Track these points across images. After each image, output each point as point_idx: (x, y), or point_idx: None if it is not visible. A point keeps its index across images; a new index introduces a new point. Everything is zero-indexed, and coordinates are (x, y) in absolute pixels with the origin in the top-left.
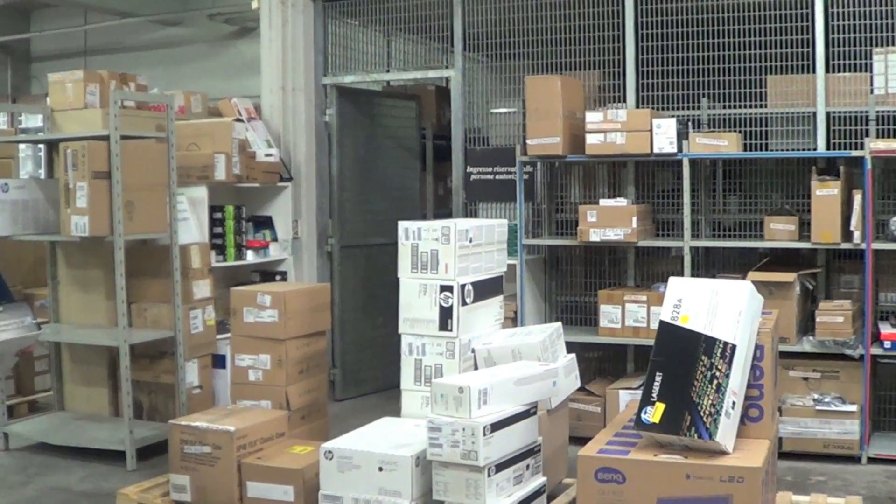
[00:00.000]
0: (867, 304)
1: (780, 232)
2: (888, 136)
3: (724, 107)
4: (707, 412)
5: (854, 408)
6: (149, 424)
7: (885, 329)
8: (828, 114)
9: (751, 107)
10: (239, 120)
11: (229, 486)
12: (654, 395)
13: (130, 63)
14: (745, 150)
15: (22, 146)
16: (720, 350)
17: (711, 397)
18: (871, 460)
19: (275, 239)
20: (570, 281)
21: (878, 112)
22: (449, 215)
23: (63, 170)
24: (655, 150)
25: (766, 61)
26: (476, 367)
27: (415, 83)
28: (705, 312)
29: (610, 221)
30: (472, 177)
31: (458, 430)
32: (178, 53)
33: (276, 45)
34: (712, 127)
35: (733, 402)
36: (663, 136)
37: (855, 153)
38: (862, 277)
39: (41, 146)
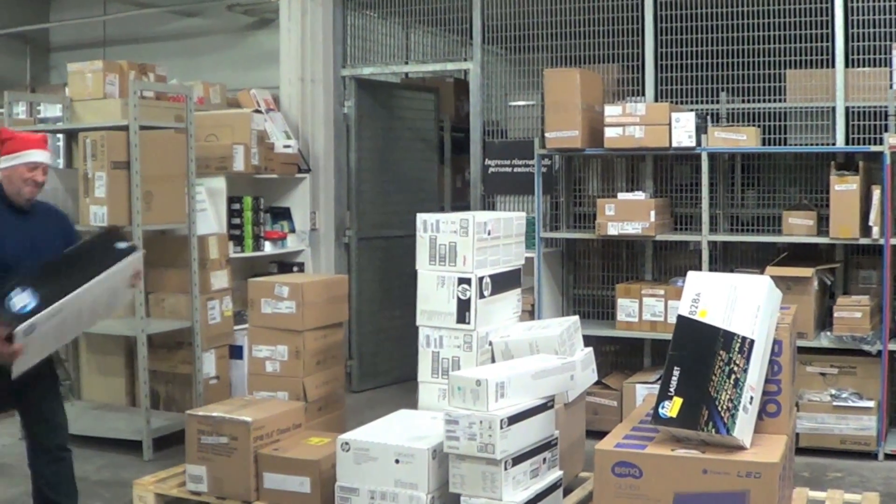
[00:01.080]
0: (885, 300)
1: (798, 227)
2: None
3: (743, 101)
4: (725, 407)
5: (871, 404)
6: (165, 414)
7: None
8: (847, 108)
9: (770, 101)
10: (258, 111)
11: (246, 476)
12: (672, 389)
13: (149, 53)
14: (763, 144)
15: None
16: (738, 345)
17: (729, 392)
18: (889, 456)
19: (292, 230)
20: (587, 274)
21: None
22: (467, 208)
23: (82, 160)
24: (674, 144)
25: (785, 55)
26: (493, 360)
27: (433, 75)
28: (724, 307)
29: (628, 215)
30: (491, 169)
31: (476, 423)
32: (197, 44)
33: (296, 37)
34: (731, 121)
35: (751, 398)
36: (682, 129)
37: (874, 148)
38: (880, 273)
39: (60, 136)
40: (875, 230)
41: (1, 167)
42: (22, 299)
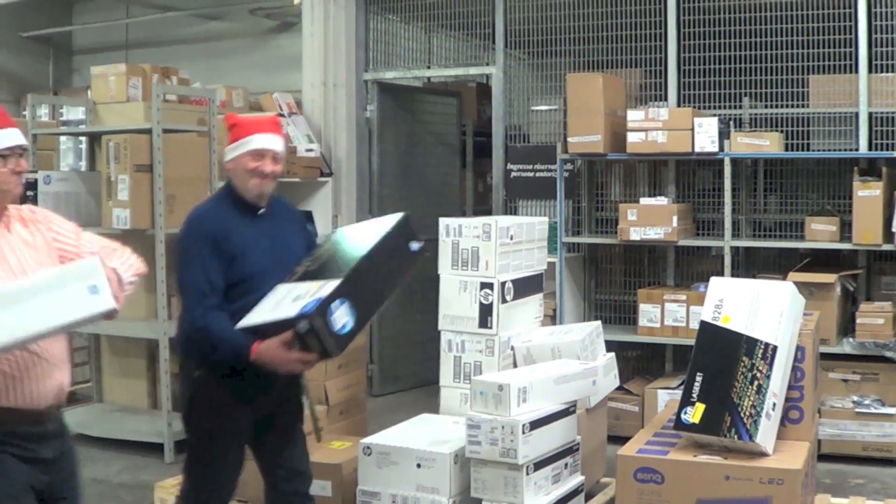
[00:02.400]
0: None
1: (820, 232)
2: None
3: (766, 106)
4: (747, 413)
5: (893, 410)
6: None
7: None
8: (870, 114)
9: (793, 106)
10: (280, 115)
11: None
12: (695, 395)
13: (171, 57)
14: (786, 149)
15: (63, 138)
16: (761, 351)
17: (752, 398)
18: None
19: (314, 234)
20: (609, 279)
21: None
22: (488, 212)
23: (105, 163)
24: (697, 150)
25: (808, 61)
26: (515, 365)
27: (456, 80)
28: (747, 313)
29: (650, 220)
30: (513, 174)
31: (497, 428)
32: (220, 48)
33: (318, 41)
34: (754, 126)
35: (774, 404)
36: (705, 135)
37: None
38: None
39: (82, 139)
40: None
41: (227, 160)
42: (342, 316)
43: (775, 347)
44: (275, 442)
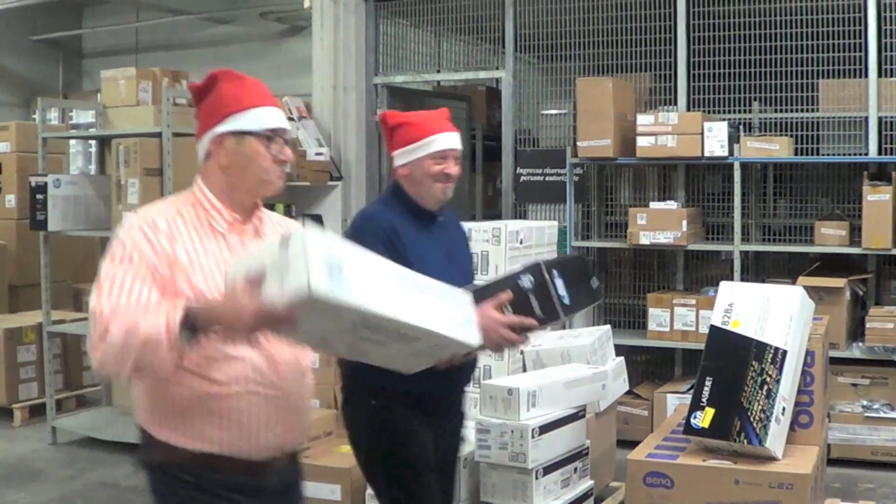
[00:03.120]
0: None
1: (830, 237)
2: None
3: (776, 110)
4: (757, 418)
5: None
6: None
7: None
8: (880, 118)
9: (802, 111)
10: (290, 118)
11: None
12: (704, 399)
13: (181, 60)
14: (796, 154)
15: (73, 142)
16: (771, 355)
17: (762, 403)
18: None
19: None
20: (618, 283)
21: None
22: (498, 216)
23: (115, 166)
24: (706, 154)
25: (818, 65)
26: (525, 369)
27: (465, 83)
28: (756, 318)
29: (660, 224)
30: (522, 178)
31: (507, 432)
32: (229, 51)
33: (328, 45)
34: (763, 130)
35: (783, 408)
36: (714, 139)
37: None
38: None
39: (92, 142)
40: None
41: (399, 164)
42: (561, 286)
43: (785, 352)
44: (443, 461)
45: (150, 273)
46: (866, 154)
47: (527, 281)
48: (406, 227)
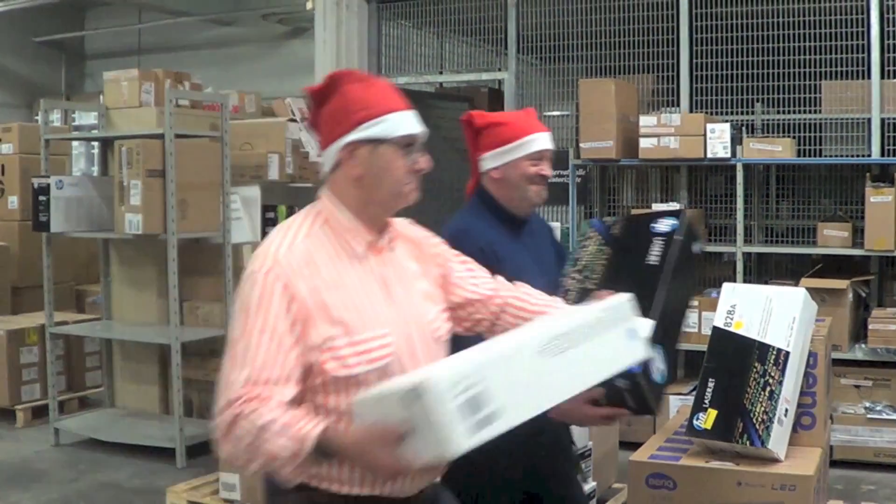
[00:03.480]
0: None
1: (833, 238)
2: None
3: (779, 112)
4: (759, 419)
5: None
6: (199, 422)
7: None
8: (883, 120)
9: (805, 112)
10: (292, 120)
11: None
12: (707, 401)
13: (184, 62)
14: (798, 155)
15: (75, 143)
16: (773, 357)
17: (764, 404)
18: None
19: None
20: None
21: None
22: None
23: (118, 168)
24: (709, 155)
25: (820, 66)
26: None
27: (468, 85)
28: (759, 319)
29: None
30: None
31: None
32: (232, 53)
33: (331, 46)
34: (766, 132)
35: (786, 410)
36: (717, 140)
37: None
38: None
39: (95, 144)
40: None
41: (490, 167)
42: (658, 364)
43: (787, 353)
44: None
45: (290, 327)
46: (869, 155)
47: (624, 385)
48: (500, 238)
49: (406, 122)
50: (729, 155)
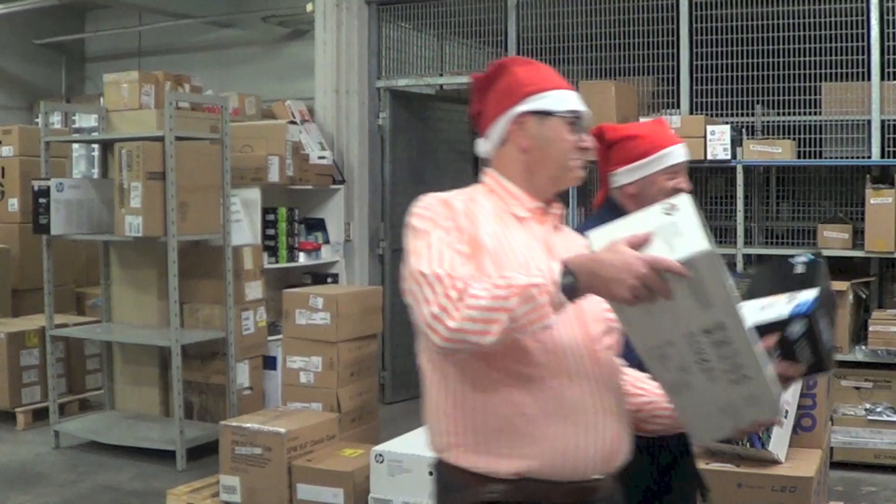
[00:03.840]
0: None
1: (833, 240)
2: None
3: (779, 114)
4: None
5: None
6: (199, 425)
7: None
8: (883, 121)
9: (805, 114)
10: (293, 122)
11: (279, 487)
12: None
13: (184, 64)
14: (799, 157)
15: (75, 146)
16: None
17: None
18: None
19: (327, 241)
20: None
21: None
22: None
23: (118, 170)
24: (709, 157)
25: (820, 68)
26: None
27: (468, 87)
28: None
29: None
30: None
31: None
32: (232, 55)
33: (331, 48)
34: (766, 134)
35: (786, 412)
36: (717, 142)
37: None
38: None
39: (95, 146)
40: None
41: (624, 182)
42: (826, 328)
43: None
44: None
45: (461, 245)
46: (869, 157)
47: (798, 330)
48: None
49: (573, 99)
50: (729, 157)
